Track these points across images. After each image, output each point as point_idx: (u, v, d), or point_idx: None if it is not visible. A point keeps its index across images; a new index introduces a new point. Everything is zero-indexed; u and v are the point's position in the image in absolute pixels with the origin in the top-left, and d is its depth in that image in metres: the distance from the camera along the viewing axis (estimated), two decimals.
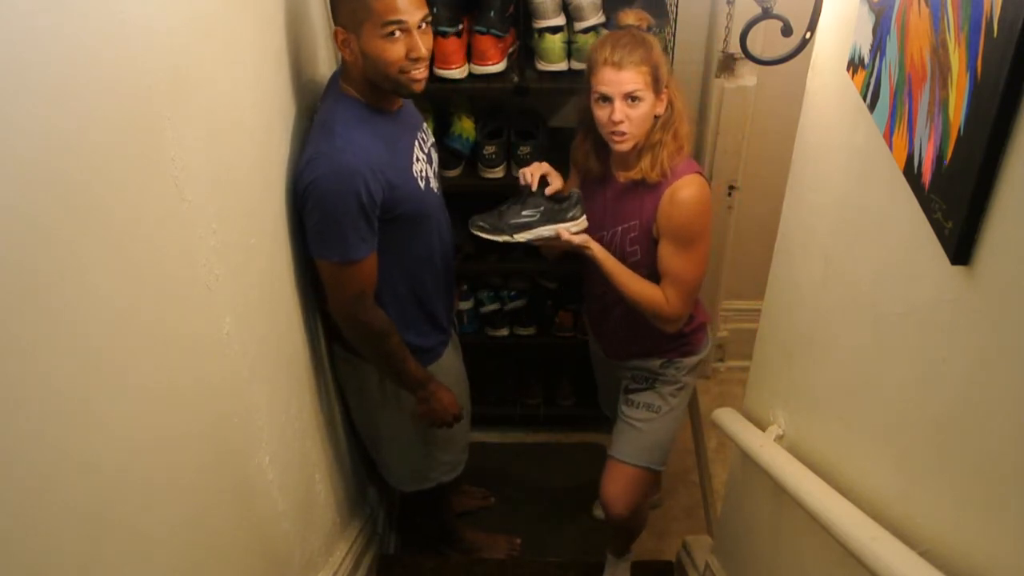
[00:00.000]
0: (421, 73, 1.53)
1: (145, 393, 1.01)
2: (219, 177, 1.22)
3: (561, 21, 2.08)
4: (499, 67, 2.09)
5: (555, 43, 2.08)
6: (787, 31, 1.35)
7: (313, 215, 1.54)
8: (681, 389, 1.94)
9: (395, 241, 1.64)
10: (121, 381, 0.95)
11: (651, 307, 1.74)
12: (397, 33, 1.47)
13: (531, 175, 1.74)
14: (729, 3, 2.05)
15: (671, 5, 2.14)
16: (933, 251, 0.83)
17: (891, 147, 0.95)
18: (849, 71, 1.13)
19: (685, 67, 2.23)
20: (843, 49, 1.15)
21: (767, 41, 1.58)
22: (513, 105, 2.37)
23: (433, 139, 1.83)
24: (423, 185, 1.68)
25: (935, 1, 0.83)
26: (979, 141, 0.72)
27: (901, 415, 1.00)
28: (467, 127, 2.29)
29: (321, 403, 1.82)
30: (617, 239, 1.76)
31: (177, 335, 1.10)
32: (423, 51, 1.50)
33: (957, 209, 0.76)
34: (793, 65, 1.39)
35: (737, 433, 1.66)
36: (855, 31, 1.10)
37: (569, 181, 1.84)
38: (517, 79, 2.13)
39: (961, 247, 0.77)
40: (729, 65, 2.22)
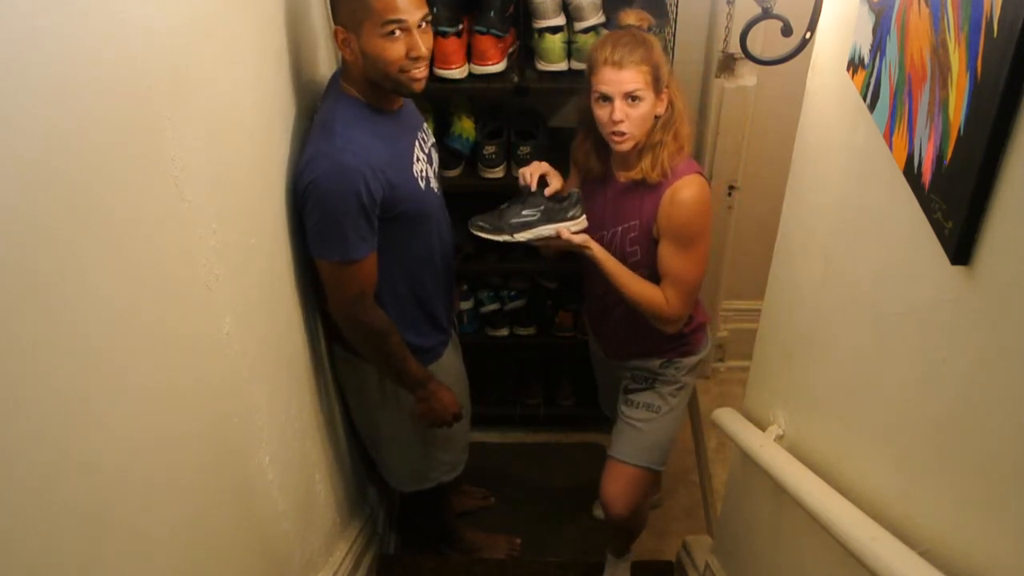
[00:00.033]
0: (421, 72, 1.53)
1: (145, 393, 1.01)
2: (219, 177, 1.22)
3: (561, 21, 2.08)
4: (499, 67, 2.09)
5: (555, 43, 2.08)
6: (787, 31, 1.35)
7: (313, 215, 1.54)
8: (681, 389, 1.94)
9: (395, 241, 1.64)
10: (121, 381, 0.95)
11: (651, 307, 1.74)
12: (397, 32, 1.47)
13: (530, 175, 1.74)
14: (729, 3, 2.05)
15: (671, 5, 2.14)
16: (933, 251, 0.83)
17: (891, 147, 0.95)
18: (849, 71, 1.13)
19: (685, 67, 2.23)
20: (843, 49, 1.15)
21: (767, 41, 1.58)
22: (513, 105, 2.37)
23: (433, 139, 1.83)
24: (423, 185, 1.68)
25: (935, 1, 0.83)
26: (979, 141, 0.72)
27: (901, 415, 1.00)
28: (467, 127, 2.29)
29: (321, 403, 1.82)
30: (617, 239, 1.76)
31: (177, 335, 1.10)
32: (423, 50, 1.50)
33: (957, 209, 0.76)
34: (793, 65, 1.39)
35: (737, 433, 1.66)
36: (855, 31, 1.10)
37: (569, 181, 1.84)
38: (517, 79, 2.12)
39: (961, 247, 0.77)
40: (729, 65, 2.22)
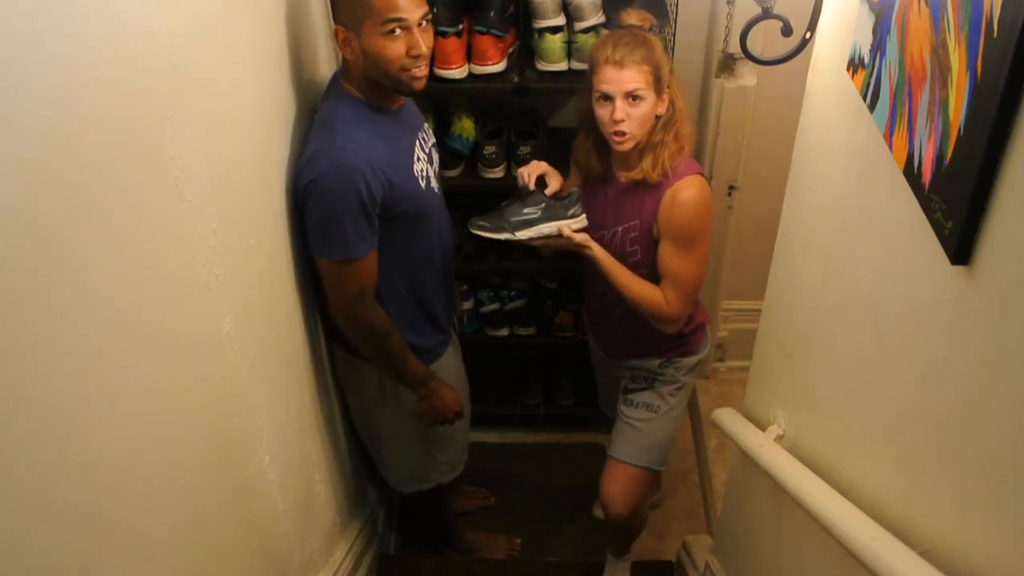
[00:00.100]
0: (422, 71, 1.53)
1: (145, 393, 1.01)
2: (219, 177, 1.22)
3: (561, 21, 2.08)
4: (499, 67, 2.09)
5: (555, 43, 2.08)
6: (787, 31, 1.35)
7: (314, 213, 1.54)
8: (680, 389, 1.94)
9: (395, 240, 1.64)
10: (121, 381, 0.95)
11: (650, 308, 1.74)
12: (397, 31, 1.47)
13: (528, 175, 1.74)
14: (729, 3, 2.05)
15: (671, 5, 2.14)
16: (933, 251, 0.83)
17: (891, 147, 0.95)
18: (849, 71, 1.13)
19: (685, 67, 2.23)
20: (843, 49, 1.15)
21: (767, 41, 1.58)
22: (513, 105, 2.37)
23: (434, 139, 1.83)
24: (423, 184, 1.68)
25: (935, 1, 0.83)
26: (979, 141, 0.72)
27: (901, 415, 1.00)
28: (467, 127, 2.29)
29: (321, 403, 1.82)
30: (617, 239, 1.76)
31: (177, 335, 1.10)
32: (423, 49, 1.50)
33: (957, 209, 0.76)
34: (793, 65, 1.39)
35: (737, 433, 1.66)
36: (855, 31, 1.10)
37: (569, 180, 1.84)
38: (517, 79, 2.12)
39: (961, 247, 0.77)
40: (729, 65, 2.22)
